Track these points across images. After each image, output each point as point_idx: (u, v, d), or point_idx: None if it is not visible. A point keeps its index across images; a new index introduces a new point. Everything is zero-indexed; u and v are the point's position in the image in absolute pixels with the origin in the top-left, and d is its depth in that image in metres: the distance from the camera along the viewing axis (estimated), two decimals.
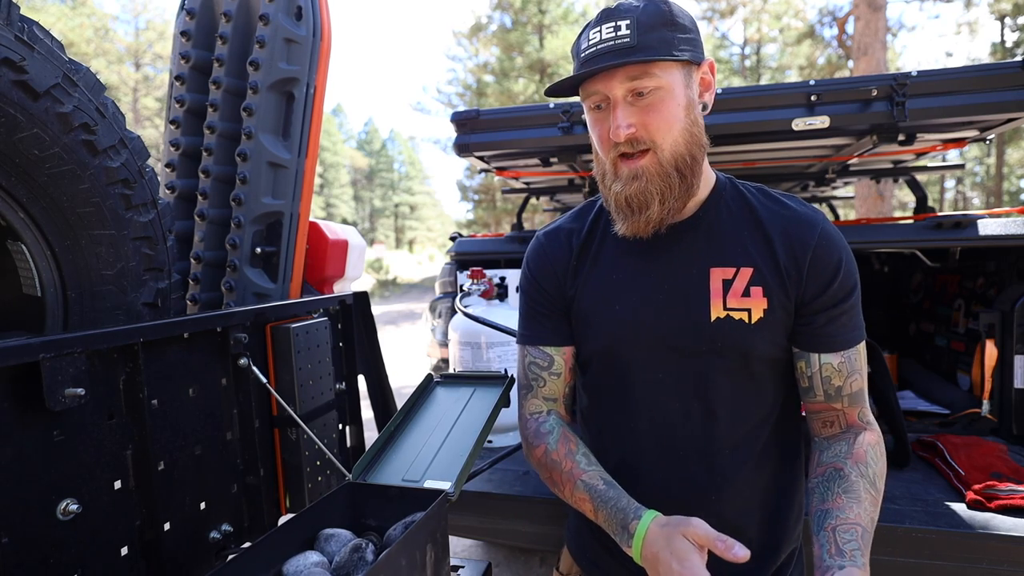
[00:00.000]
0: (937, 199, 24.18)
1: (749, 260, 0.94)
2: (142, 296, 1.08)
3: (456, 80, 23.87)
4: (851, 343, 0.95)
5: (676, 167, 0.91)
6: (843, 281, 0.93)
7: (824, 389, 0.95)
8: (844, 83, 1.94)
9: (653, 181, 0.90)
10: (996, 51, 18.32)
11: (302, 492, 1.25)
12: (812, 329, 0.94)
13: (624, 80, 0.87)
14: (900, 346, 3.07)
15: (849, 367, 0.94)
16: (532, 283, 1.09)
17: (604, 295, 1.01)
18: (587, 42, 0.89)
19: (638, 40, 0.85)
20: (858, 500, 0.87)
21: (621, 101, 0.88)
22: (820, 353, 0.95)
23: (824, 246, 0.93)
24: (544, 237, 1.11)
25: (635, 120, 0.88)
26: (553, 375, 1.07)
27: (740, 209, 0.98)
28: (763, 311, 0.93)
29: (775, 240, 0.94)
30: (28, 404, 0.77)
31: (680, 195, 0.93)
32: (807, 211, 0.97)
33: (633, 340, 0.98)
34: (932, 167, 3.42)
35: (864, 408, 0.96)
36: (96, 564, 0.85)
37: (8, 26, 0.84)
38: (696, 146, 0.93)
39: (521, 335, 1.11)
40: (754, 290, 0.93)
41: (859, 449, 0.93)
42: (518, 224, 3.05)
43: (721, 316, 0.93)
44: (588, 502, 0.94)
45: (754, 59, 23.24)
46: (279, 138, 1.42)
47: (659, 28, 0.87)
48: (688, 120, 0.91)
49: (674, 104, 0.89)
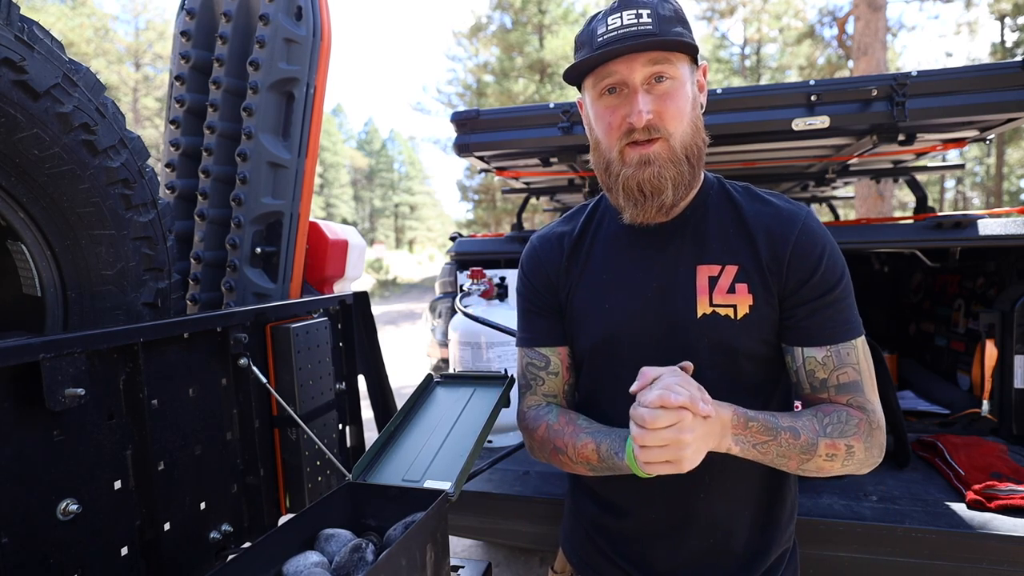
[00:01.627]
0: (937, 199, 24.18)
1: (734, 258, 0.96)
2: (142, 296, 1.08)
3: (456, 80, 23.91)
4: (837, 338, 0.93)
5: (687, 155, 0.93)
6: (825, 274, 0.93)
7: (809, 382, 0.96)
8: (844, 83, 1.94)
9: (666, 167, 0.92)
10: (996, 51, 18.32)
11: (302, 492, 1.25)
12: (794, 322, 0.95)
13: (646, 64, 0.89)
14: (900, 346, 3.07)
15: (837, 361, 0.93)
16: (526, 285, 1.12)
17: (595, 294, 1.03)
18: (606, 27, 0.91)
19: (660, 28, 0.88)
20: (793, 417, 0.89)
21: (639, 87, 0.90)
22: (803, 347, 0.95)
23: (805, 240, 0.94)
24: (537, 240, 1.14)
25: (652, 107, 0.90)
26: (551, 374, 1.09)
27: (726, 208, 1.00)
28: (748, 307, 0.94)
29: (758, 238, 0.95)
30: (28, 404, 0.77)
31: (688, 183, 0.95)
32: (790, 207, 0.98)
33: (623, 337, 1.00)
34: (932, 167, 3.42)
35: (856, 396, 0.93)
36: (96, 564, 0.85)
37: (8, 26, 0.84)
38: (700, 139, 0.96)
39: (519, 337, 1.14)
40: (739, 287, 0.94)
41: (829, 407, 0.92)
42: (518, 224, 3.05)
43: (707, 312, 0.95)
44: (591, 443, 0.95)
45: (754, 59, 23.24)
46: (279, 138, 1.42)
47: (675, 22, 0.90)
48: (694, 114, 0.95)
49: (684, 96, 0.92)
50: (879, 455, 0.93)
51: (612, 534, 1.07)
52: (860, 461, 0.91)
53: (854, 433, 0.90)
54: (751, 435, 0.86)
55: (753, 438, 0.86)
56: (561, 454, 1.00)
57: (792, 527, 1.07)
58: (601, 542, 1.08)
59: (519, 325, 1.14)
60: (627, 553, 1.04)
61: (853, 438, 0.89)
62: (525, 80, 20.64)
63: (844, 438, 0.89)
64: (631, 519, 1.03)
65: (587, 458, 0.96)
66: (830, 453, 0.88)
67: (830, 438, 0.88)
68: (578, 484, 1.14)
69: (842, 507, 1.54)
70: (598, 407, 1.06)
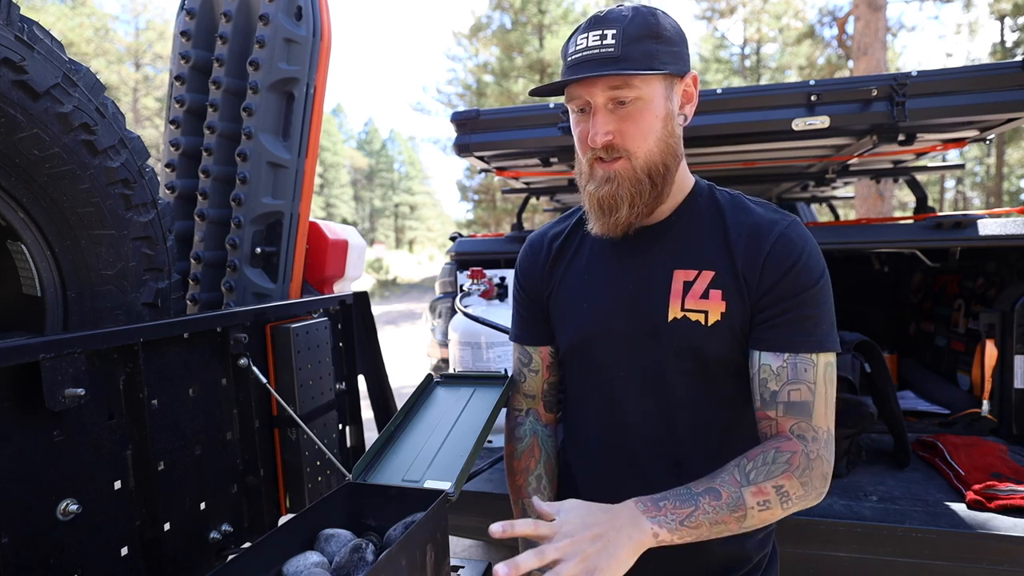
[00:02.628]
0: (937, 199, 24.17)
1: (711, 264, 0.95)
2: (142, 296, 1.08)
3: (456, 80, 23.89)
4: (797, 347, 0.89)
5: (648, 174, 0.93)
6: (795, 278, 0.90)
7: (760, 393, 0.91)
8: (844, 83, 1.94)
9: (624, 185, 0.92)
10: (996, 51, 18.31)
11: (302, 492, 1.25)
12: (756, 326, 0.93)
13: (605, 89, 0.89)
14: (900, 346, 3.07)
15: (791, 374, 0.88)
16: (516, 284, 1.17)
17: (576, 294, 1.05)
18: (574, 47, 0.91)
19: (622, 51, 0.87)
20: (710, 477, 0.83)
21: (601, 108, 0.91)
22: (760, 351, 0.91)
23: (781, 247, 0.91)
24: (529, 240, 1.17)
25: (613, 128, 0.90)
26: (532, 372, 1.14)
27: (710, 215, 0.99)
28: (720, 314, 0.93)
29: (737, 246, 0.94)
30: (28, 404, 0.77)
31: (649, 201, 0.94)
32: (772, 216, 0.95)
33: (599, 338, 1.02)
34: (932, 167, 3.42)
35: (802, 421, 0.87)
36: (96, 564, 0.85)
37: (8, 26, 0.84)
38: (670, 156, 0.94)
39: (511, 334, 1.19)
40: (713, 293, 0.93)
41: (758, 449, 0.86)
42: (518, 224, 3.05)
43: (678, 316, 0.94)
44: (515, 511, 1.09)
45: (754, 59, 23.24)
46: (279, 138, 1.42)
47: (645, 40, 0.88)
48: (665, 131, 0.93)
49: (652, 115, 0.91)
50: (822, 485, 0.87)
51: None
52: (800, 498, 0.84)
53: (783, 471, 0.83)
54: (669, 513, 0.79)
55: (674, 515, 0.79)
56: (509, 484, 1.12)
57: (771, 531, 1.06)
58: None
59: (511, 321, 1.19)
60: None
61: (782, 477, 0.83)
62: (525, 80, 20.63)
63: (771, 479, 0.82)
64: None
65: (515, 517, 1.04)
66: (761, 500, 0.82)
67: (754, 484, 0.82)
68: (565, 483, 1.14)
69: (842, 507, 1.54)
70: (578, 409, 1.10)
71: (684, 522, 0.79)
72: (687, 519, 0.79)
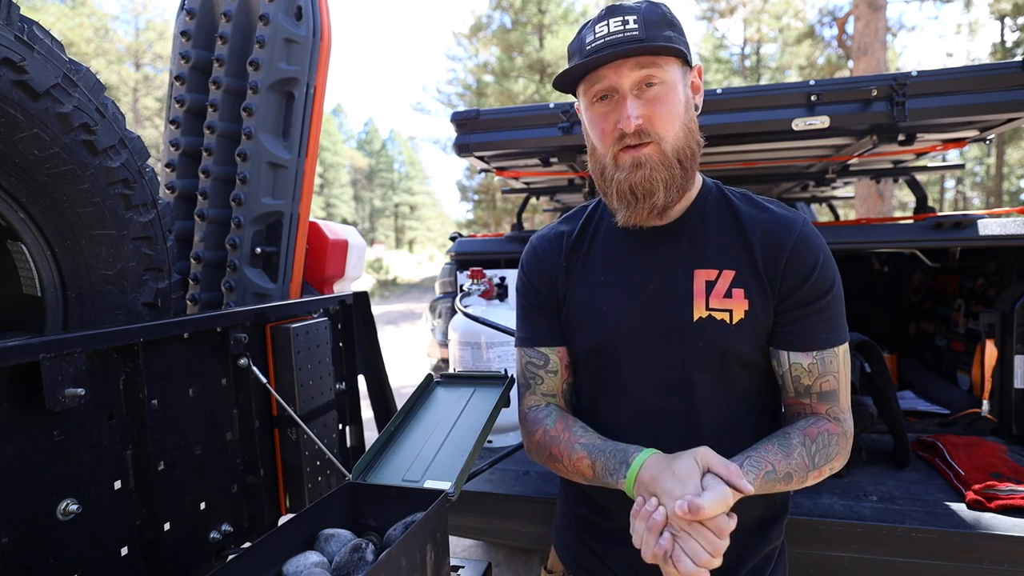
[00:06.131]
0: (937, 199, 24.18)
1: (731, 263, 0.96)
2: (142, 296, 1.08)
3: (456, 80, 23.89)
4: (823, 344, 0.95)
5: (678, 158, 0.93)
6: (817, 282, 0.94)
7: (794, 387, 0.98)
8: (844, 83, 1.94)
9: (657, 169, 0.92)
10: (996, 51, 18.31)
11: (302, 492, 1.25)
12: (783, 327, 0.96)
13: (634, 69, 0.89)
14: (900, 346, 3.07)
15: (821, 368, 0.95)
16: (526, 284, 1.12)
17: (592, 295, 1.04)
18: (593, 35, 0.92)
19: (647, 34, 0.89)
20: (787, 456, 0.90)
21: (629, 93, 0.91)
22: (790, 351, 0.96)
23: (801, 247, 0.94)
24: (537, 240, 1.14)
25: (642, 112, 0.90)
26: (550, 373, 1.09)
27: (724, 213, 1.00)
28: (744, 312, 0.95)
29: (755, 244, 0.96)
30: (28, 404, 0.77)
31: (680, 185, 0.95)
32: (787, 214, 0.98)
33: (618, 339, 1.01)
34: (932, 167, 3.42)
35: (834, 406, 0.97)
36: (96, 564, 0.85)
37: (8, 26, 0.84)
38: (695, 141, 0.96)
39: (518, 338, 1.14)
40: (736, 292, 0.95)
41: (814, 428, 0.94)
42: (518, 224, 3.05)
43: (703, 316, 0.95)
44: (586, 458, 0.95)
45: (754, 59, 23.24)
46: (279, 138, 1.42)
47: (662, 26, 0.91)
48: (688, 116, 0.95)
49: (676, 99, 0.92)
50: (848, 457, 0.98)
51: (601, 534, 1.07)
52: (833, 471, 0.96)
53: (836, 453, 0.94)
54: (759, 483, 0.87)
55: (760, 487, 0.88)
56: (557, 462, 1.01)
57: (782, 525, 1.07)
58: (591, 541, 1.08)
59: (518, 325, 1.14)
60: (614, 554, 1.05)
61: (836, 459, 0.95)
62: (525, 80, 20.64)
63: (828, 462, 0.94)
64: (618, 519, 1.03)
65: (582, 472, 0.97)
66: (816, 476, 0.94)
67: (817, 468, 0.92)
68: (568, 482, 1.14)
69: (842, 507, 1.54)
70: (597, 410, 1.06)
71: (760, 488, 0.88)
72: (764, 487, 0.88)
